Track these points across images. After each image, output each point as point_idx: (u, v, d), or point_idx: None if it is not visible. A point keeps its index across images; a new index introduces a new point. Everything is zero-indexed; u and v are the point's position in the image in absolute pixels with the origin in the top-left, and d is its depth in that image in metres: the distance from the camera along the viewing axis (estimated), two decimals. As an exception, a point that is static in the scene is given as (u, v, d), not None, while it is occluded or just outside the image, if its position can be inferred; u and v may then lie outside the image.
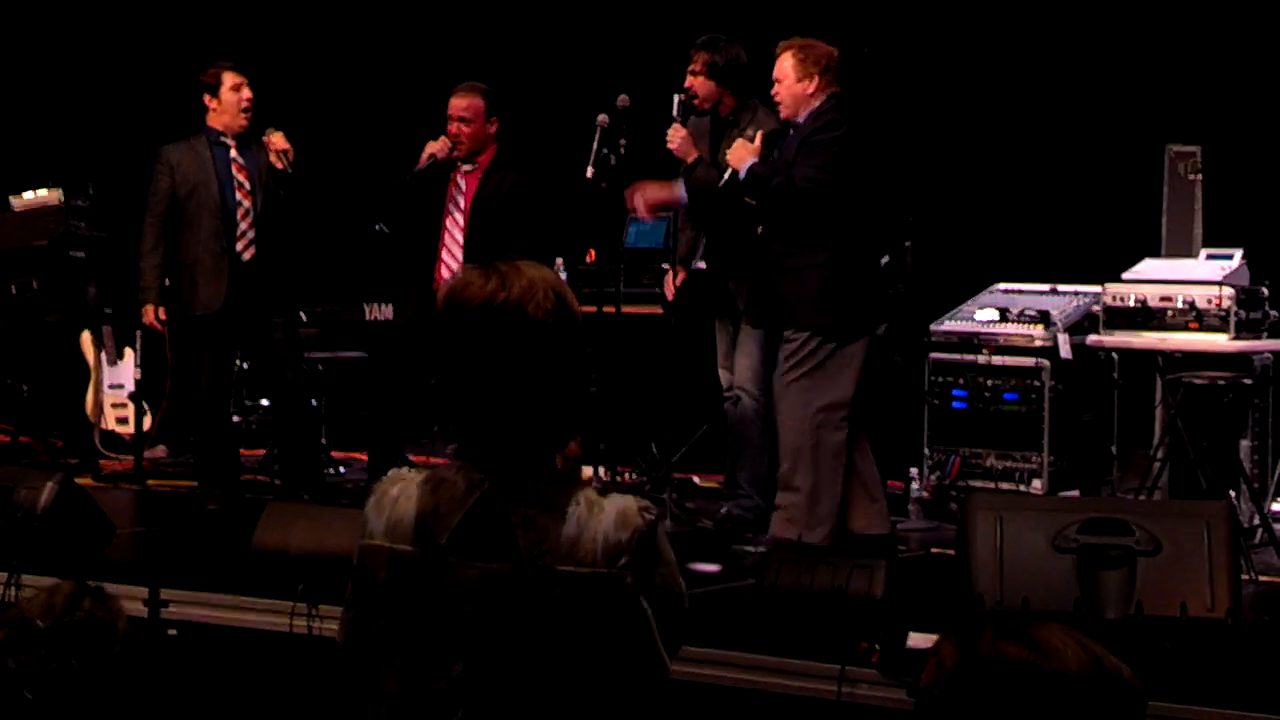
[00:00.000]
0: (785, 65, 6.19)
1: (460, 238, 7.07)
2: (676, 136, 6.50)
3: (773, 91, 6.24)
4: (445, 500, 2.48)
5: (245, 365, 8.25)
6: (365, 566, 2.55)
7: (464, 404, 2.51)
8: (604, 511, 2.45)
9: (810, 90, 6.15)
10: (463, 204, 7.12)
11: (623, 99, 6.70)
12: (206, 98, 7.08)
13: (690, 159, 6.49)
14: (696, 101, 6.69)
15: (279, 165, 6.95)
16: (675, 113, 6.60)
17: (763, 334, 6.41)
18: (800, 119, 6.17)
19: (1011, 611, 2.16)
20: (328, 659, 2.73)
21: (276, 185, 7.05)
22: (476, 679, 2.44)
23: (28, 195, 8.00)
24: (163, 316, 7.13)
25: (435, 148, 7.00)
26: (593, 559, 2.42)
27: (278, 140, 6.98)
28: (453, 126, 7.03)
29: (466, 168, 7.12)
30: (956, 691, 1.94)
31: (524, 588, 2.42)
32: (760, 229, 6.25)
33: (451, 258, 7.06)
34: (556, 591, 2.41)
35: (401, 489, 2.55)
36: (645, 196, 6.55)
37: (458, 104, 7.05)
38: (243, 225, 7.03)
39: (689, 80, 6.69)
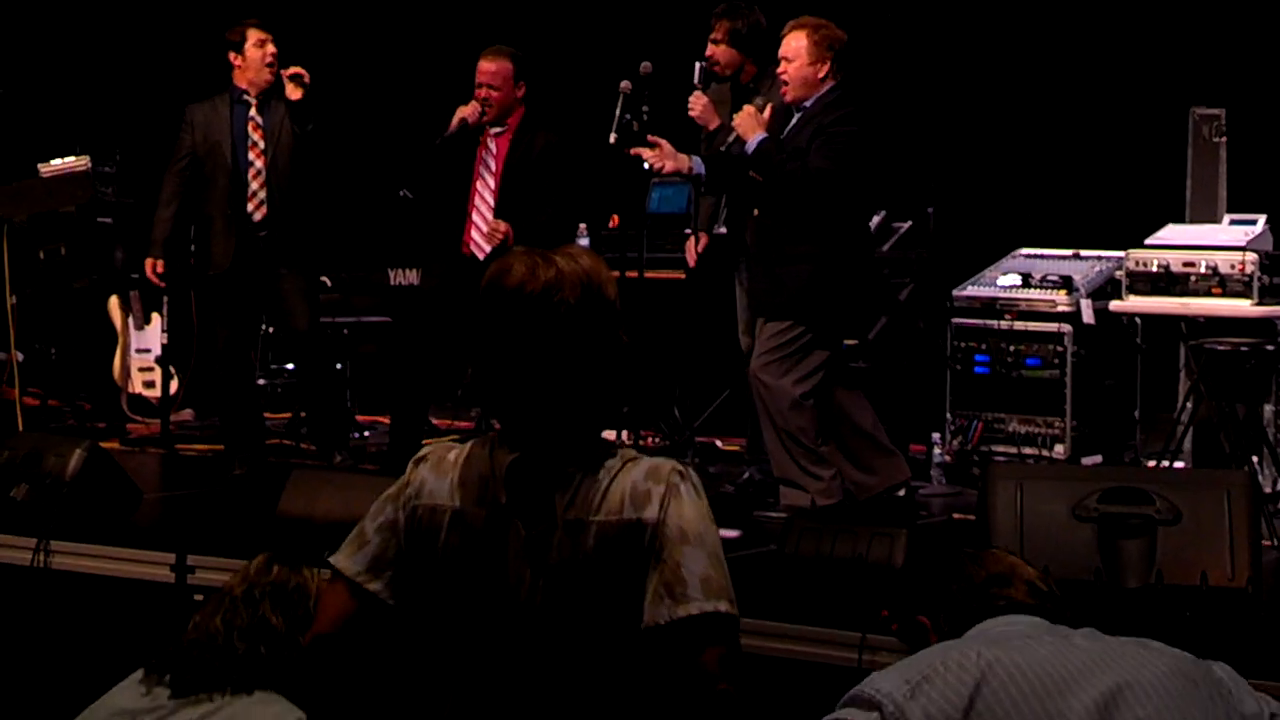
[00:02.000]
0: (798, 45, 6.11)
1: (491, 200, 7.07)
2: (698, 104, 6.49)
3: (779, 70, 6.18)
4: (500, 465, 2.58)
5: (270, 330, 8.30)
6: (420, 526, 2.63)
7: (495, 384, 2.62)
8: (638, 466, 2.58)
9: (821, 74, 6.10)
10: (494, 166, 7.11)
11: (645, 65, 6.69)
12: (231, 55, 7.11)
13: (712, 126, 6.49)
14: (718, 69, 6.69)
15: (295, 94, 6.95)
16: (697, 79, 6.61)
17: None
18: (808, 103, 6.13)
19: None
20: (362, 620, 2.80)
21: (295, 121, 7.04)
22: (526, 631, 2.52)
23: (55, 162, 8.03)
24: (160, 270, 7.16)
25: (466, 111, 6.99)
26: (620, 508, 2.53)
27: (291, 69, 7.00)
28: (481, 90, 7.03)
29: (496, 130, 7.11)
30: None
31: (561, 541, 2.52)
32: (756, 212, 6.24)
33: (483, 220, 7.07)
34: (587, 541, 2.52)
35: (459, 454, 2.66)
36: (666, 153, 6.49)
37: (486, 67, 7.04)
38: (253, 185, 7.07)
39: (711, 48, 6.69)
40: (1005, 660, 2.19)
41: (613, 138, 6.65)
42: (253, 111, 7.10)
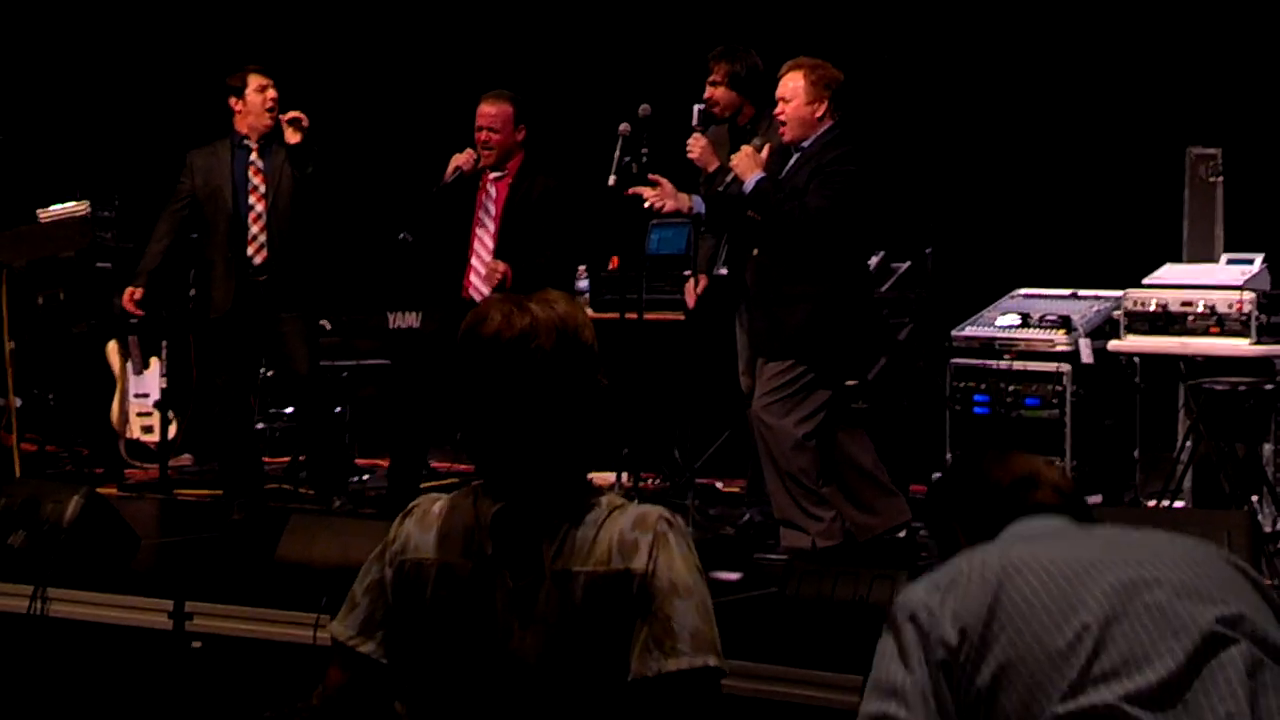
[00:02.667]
0: (795, 85, 6.14)
1: (491, 244, 7.08)
2: (697, 145, 6.50)
3: (777, 111, 6.20)
4: (484, 515, 2.55)
5: (269, 374, 8.29)
6: (407, 581, 2.61)
7: (476, 432, 2.60)
8: (624, 514, 2.54)
9: (819, 113, 6.12)
10: (494, 210, 7.12)
11: (644, 108, 6.71)
12: (232, 100, 7.13)
13: (711, 168, 6.50)
14: (717, 110, 6.72)
15: (294, 138, 6.97)
16: (695, 122, 6.62)
17: None
18: (807, 143, 6.14)
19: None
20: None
21: (295, 165, 7.06)
22: (515, 683, 2.49)
23: (55, 208, 8.04)
24: (138, 298, 7.16)
25: (461, 160, 7.01)
26: (608, 558, 2.49)
27: (290, 113, 7.02)
28: (481, 134, 7.05)
29: (495, 175, 7.13)
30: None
31: (549, 593, 2.49)
32: (755, 252, 6.25)
33: (482, 264, 7.08)
34: (575, 592, 2.49)
35: (443, 505, 2.63)
36: (667, 192, 6.49)
37: (486, 110, 7.06)
38: (254, 229, 7.08)
39: (709, 91, 6.72)
40: (1026, 555, 2.24)
41: (612, 180, 6.67)
42: (253, 156, 7.12)
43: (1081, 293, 7.31)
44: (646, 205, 6.43)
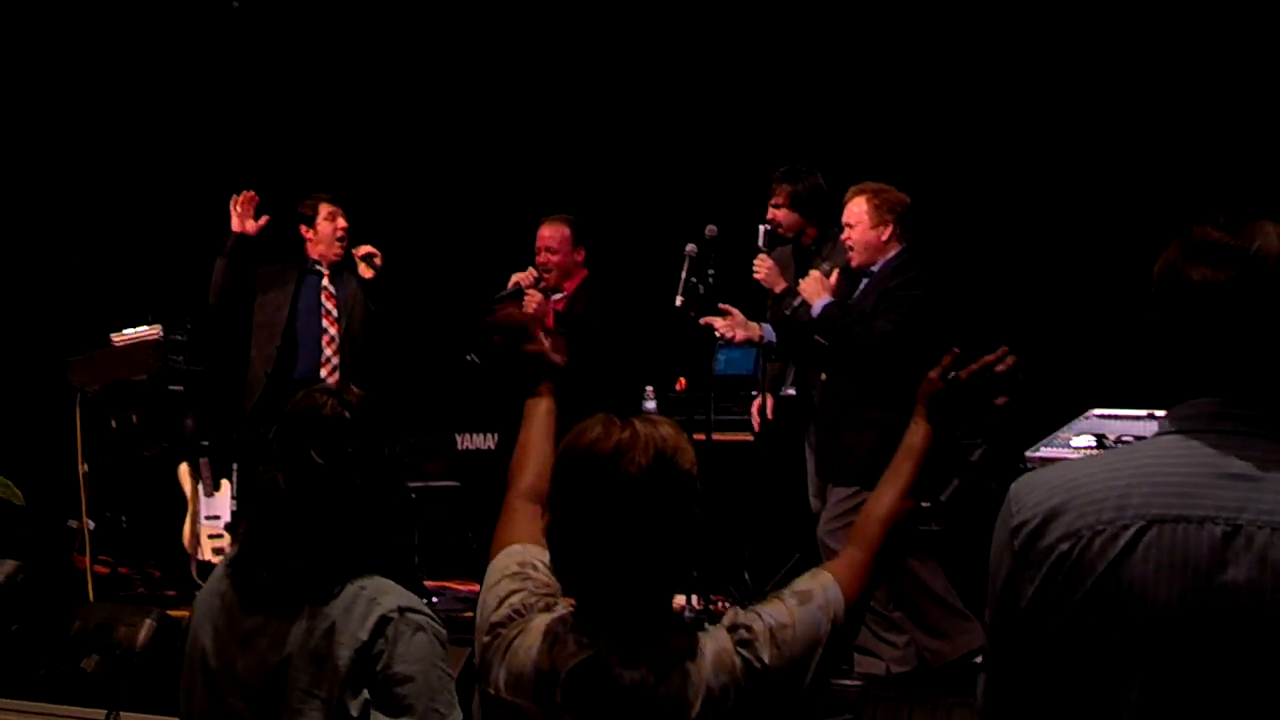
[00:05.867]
0: (859, 210, 6.15)
1: None
2: (763, 266, 6.51)
3: (843, 236, 6.21)
4: (560, 657, 2.47)
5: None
6: (488, 712, 2.56)
7: (565, 553, 2.50)
8: (705, 660, 2.43)
9: (884, 237, 6.12)
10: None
11: (711, 229, 6.75)
12: (303, 228, 7.23)
13: (778, 289, 6.51)
14: (780, 231, 6.75)
15: (367, 274, 7.05)
16: (761, 242, 6.65)
17: None
18: (875, 267, 6.14)
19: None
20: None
21: (368, 298, 7.13)
22: None
23: (128, 331, 8.13)
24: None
25: (520, 276, 7.07)
26: (700, 714, 2.39)
27: (364, 248, 7.10)
28: (540, 255, 7.11)
29: (555, 297, 7.18)
30: (1176, 274, 2.27)
31: None
32: (824, 376, 6.23)
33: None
34: None
35: (521, 638, 2.54)
36: (737, 321, 6.50)
37: (544, 233, 7.15)
38: (327, 351, 7.16)
39: (771, 212, 6.75)
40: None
41: (679, 300, 6.69)
42: (325, 280, 7.20)
43: (1158, 414, 7.19)
44: (718, 335, 6.44)
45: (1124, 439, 6.98)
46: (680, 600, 6.76)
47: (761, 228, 6.71)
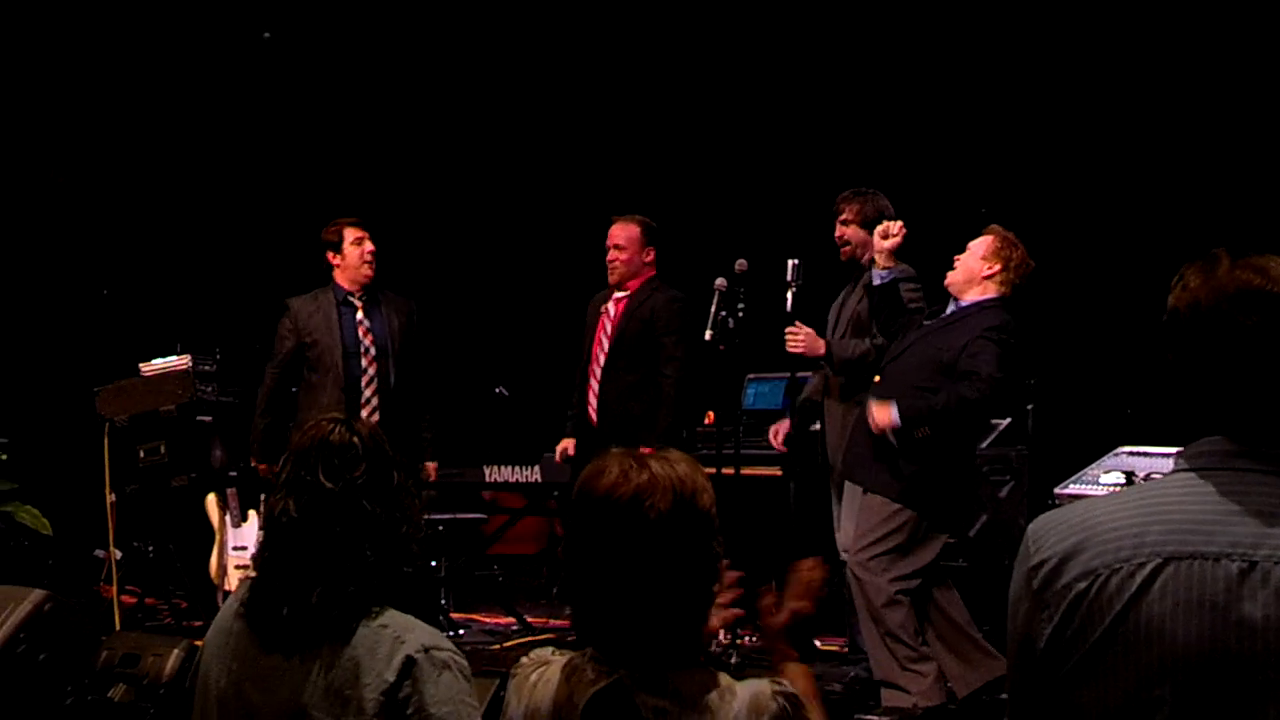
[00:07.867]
0: (986, 241, 6.08)
1: (602, 362, 7.12)
2: (798, 338, 6.47)
3: (956, 257, 6.15)
4: (579, 685, 2.44)
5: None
6: None
7: (584, 593, 2.48)
8: (736, 699, 2.40)
9: (988, 273, 6.05)
10: (609, 329, 7.17)
11: (740, 263, 6.73)
12: (330, 254, 7.22)
13: (820, 353, 6.47)
14: (848, 250, 6.64)
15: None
16: (790, 276, 6.59)
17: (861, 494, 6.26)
18: (964, 301, 6.07)
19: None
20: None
21: (405, 343, 7.17)
22: None
23: (157, 362, 8.15)
24: (263, 470, 7.29)
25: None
26: None
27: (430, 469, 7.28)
28: (610, 253, 7.16)
29: (618, 294, 7.20)
30: (1200, 314, 2.19)
31: None
32: (876, 379, 6.16)
33: (591, 387, 7.11)
34: None
35: (540, 675, 2.52)
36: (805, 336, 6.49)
37: (615, 231, 7.20)
38: (366, 392, 7.13)
39: (839, 230, 6.64)
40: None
41: (708, 334, 6.67)
42: (360, 315, 7.18)
43: (1187, 450, 7.18)
44: (789, 349, 6.41)
45: (1153, 475, 6.95)
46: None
47: (790, 262, 6.65)
